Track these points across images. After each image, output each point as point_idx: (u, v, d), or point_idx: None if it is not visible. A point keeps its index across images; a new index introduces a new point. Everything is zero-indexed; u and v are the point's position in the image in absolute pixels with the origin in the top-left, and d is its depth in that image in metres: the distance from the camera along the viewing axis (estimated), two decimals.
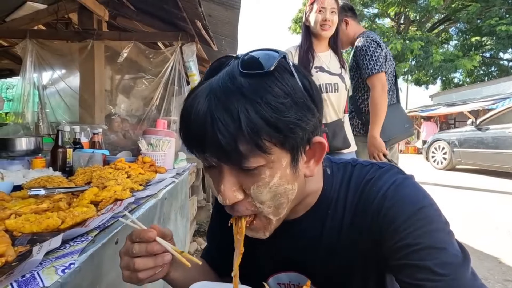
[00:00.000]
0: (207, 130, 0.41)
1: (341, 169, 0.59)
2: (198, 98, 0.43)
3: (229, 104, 0.40)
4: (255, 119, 0.40)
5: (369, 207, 0.52)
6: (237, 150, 0.41)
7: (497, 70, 16.42)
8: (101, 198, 0.95)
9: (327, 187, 0.57)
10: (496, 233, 2.99)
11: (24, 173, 1.24)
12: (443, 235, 0.46)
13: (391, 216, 0.49)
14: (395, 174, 0.54)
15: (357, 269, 0.56)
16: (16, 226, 0.68)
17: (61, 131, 1.50)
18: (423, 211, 0.48)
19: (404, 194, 0.50)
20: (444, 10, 14.43)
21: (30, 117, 2.41)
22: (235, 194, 0.46)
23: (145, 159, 1.64)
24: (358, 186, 0.55)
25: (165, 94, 2.64)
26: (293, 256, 0.60)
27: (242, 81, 0.41)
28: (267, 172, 0.44)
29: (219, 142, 0.40)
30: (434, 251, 0.45)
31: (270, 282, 0.64)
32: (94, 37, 2.45)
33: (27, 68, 2.38)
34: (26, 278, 0.43)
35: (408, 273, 0.46)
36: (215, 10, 2.74)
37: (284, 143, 0.43)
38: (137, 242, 0.50)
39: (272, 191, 0.46)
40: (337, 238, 0.55)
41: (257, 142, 0.41)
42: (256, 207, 0.47)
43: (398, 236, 0.47)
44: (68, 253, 0.52)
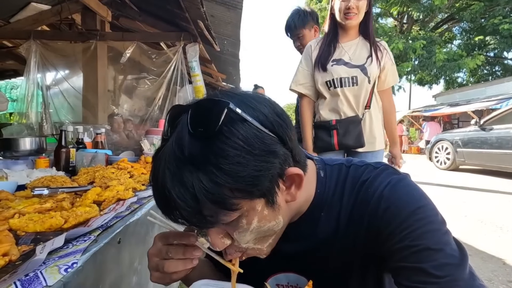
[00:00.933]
0: (170, 205, 0.41)
1: (335, 170, 0.58)
2: (156, 171, 0.43)
3: (183, 177, 0.39)
4: (212, 189, 0.39)
5: (365, 208, 0.52)
6: (204, 218, 0.41)
7: (501, 70, 16.30)
8: (103, 198, 0.96)
9: (320, 190, 0.56)
10: (500, 234, 2.97)
11: (28, 172, 1.25)
12: (440, 235, 0.46)
13: (388, 217, 0.49)
14: (390, 174, 0.54)
15: (355, 270, 0.56)
16: (20, 225, 0.68)
17: (65, 131, 1.51)
18: (420, 212, 0.48)
19: (400, 195, 0.50)
20: (448, 10, 14.35)
21: (34, 117, 2.43)
22: (223, 241, 0.47)
23: (148, 159, 1.65)
24: (354, 187, 0.55)
25: (167, 94, 2.66)
26: (291, 258, 0.60)
27: (191, 148, 0.40)
28: (243, 221, 0.44)
29: (183, 216, 0.42)
30: (431, 252, 0.45)
31: (269, 283, 0.65)
32: (97, 37, 2.47)
33: (31, 69, 2.40)
34: (29, 277, 0.43)
35: (406, 276, 0.46)
36: (217, 10, 2.74)
37: (252, 195, 0.42)
38: (173, 244, 0.50)
39: (254, 233, 0.47)
40: (333, 240, 0.55)
41: (222, 206, 0.41)
42: (243, 248, 0.48)
43: (395, 238, 0.47)
44: (71, 253, 0.53)
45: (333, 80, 1.58)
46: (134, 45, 2.55)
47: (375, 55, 1.57)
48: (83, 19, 2.62)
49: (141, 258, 0.89)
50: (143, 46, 2.61)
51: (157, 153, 0.45)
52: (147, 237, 0.95)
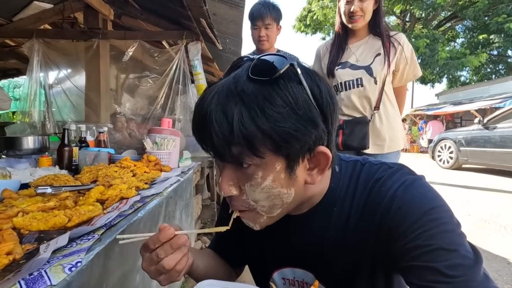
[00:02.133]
0: (206, 129, 0.43)
1: (349, 167, 0.58)
2: (206, 96, 0.45)
3: (227, 107, 0.42)
4: (248, 125, 0.41)
5: (377, 207, 0.51)
6: (229, 151, 0.43)
7: (505, 68, 16.18)
8: (107, 196, 0.96)
9: (334, 184, 0.56)
10: (504, 234, 2.95)
11: (31, 171, 1.25)
12: (454, 237, 0.45)
13: (400, 217, 0.48)
14: (405, 174, 0.53)
15: (364, 269, 0.55)
16: (24, 224, 0.68)
17: (67, 129, 1.51)
18: (433, 212, 0.47)
19: (414, 195, 0.49)
20: (451, 8, 14.24)
21: (37, 116, 2.44)
22: (231, 189, 0.48)
23: (150, 158, 1.64)
24: (367, 184, 0.54)
25: (169, 93, 2.65)
26: (298, 252, 0.60)
27: (245, 86, 0.43)
28: (259, 173, 0.45)
29: (213, 142, 0.43)
30: (444, 252, 0.44)
31: (275, 276, 0.64)
32: (99, 36, 2.47)
33: (34, 68, 2.41)
34: (33, 276, 0.43)
35: (418, 275, 0.45)
36: (219, 8, 2.73)
37: (278, 150, 0.44)
38: (157, 247, 0.50)
39: (264, 192, 0.47)
40: (343, 236, 0.55)
41: (249, 146, 0.42)
42: (250, 204, 0.48)
43: (408, 237, 0.47)
44: (75, 251, 0.52)
45: (338, 85, 1.55)
46: (136, 43, 2.54)
47: (385, 52, 1.50)
48: (85, 18, 2.62)
49: None
50: (145, 44, 2.61)
51: (210, 85, 0.48)
52: None
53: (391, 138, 1.55)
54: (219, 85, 0.45)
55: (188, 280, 2.01)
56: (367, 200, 0.53)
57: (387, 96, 1.55)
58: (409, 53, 1.53)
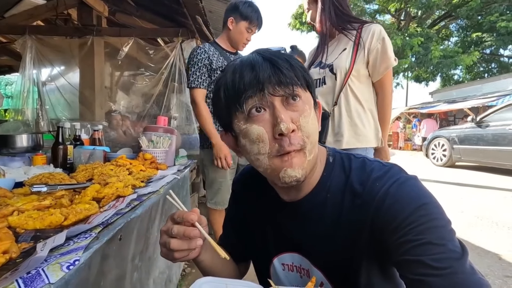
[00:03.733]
0: (269, 69, 0.52)
1: (344, 159, 0.62)
2: (248, 59, 0.55)
3: (279, 58, 0.54)
4: (298, 66, 0.55)
5: (371, 201, 0.53)
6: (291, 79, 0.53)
7: (498, 67, 16.39)
8: (103, 194, 0.95)
9: (326, 173, 0.61)
10: (496, 230, 3.00)
11: (25, 169, 1.23)
12: (443, 232, 0.48)
13: (393, 212, 0.50)
14: (399, 172, 0.56)
15: (357, 258, 0.57)
16: (19, 222, 0.67)
17: (62, 127, 1.50)
18: (425, 208, 0.49)
19: (407, 192, 0.52)
20: (445, 6, 14.36)
21: (30, 114, 2.41)
22: (292, 124, 0.53)
23: (146, 156, 1.63)
24: (360, 177, 0.57)
25: (165, 91, 2.64)
26: (295, 238, 0.63)
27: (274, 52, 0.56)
28: (306, 106, 0.54)
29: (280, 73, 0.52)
30: (433, 246, 0.46)
31: (275, 262, 0.67)
32: (94, 33, 2.44)
33: (27, 65, 2.37)
34: (31, 274, 0.43)
35: (409, 268, 0.48)
36: (215, 5, 2.72)
37: (310, 87, 0.57)
38: (177, 223, 0.55)
39: (313, 124, 0.55)
40: (336, 223, 0.57)
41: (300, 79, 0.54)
42: (303, 140, 0.54)
43: (400, 232, 0.49)
44: (73, 250, 0.52)
45: None
46: (132, 41, 2.52)
47: (353, 47, 1.46)
48: (79, 14, 2.59)
49: (141, 255, 0.89)
50: (140, 42, 2.58)
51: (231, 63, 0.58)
52: (147, 233, 0.94)
53: (352, 134, 1.49)
54: (252, 56, 0.56)
55: (185, 278, 2.01)
56: (361, 193, 0.55)
57: (352, 92, 1.49)
58: (379, 44, 1.44)
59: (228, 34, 1.89)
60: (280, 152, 0.53)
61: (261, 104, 0.52)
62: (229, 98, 0.54)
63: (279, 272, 0.68)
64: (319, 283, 0.61)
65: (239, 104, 0.53)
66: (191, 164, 2.02)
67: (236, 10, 1.84)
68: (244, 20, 1.84)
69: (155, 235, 1.05)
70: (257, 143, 0.53)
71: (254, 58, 0.54)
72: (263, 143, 0.53)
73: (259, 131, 0.53)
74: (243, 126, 0.54)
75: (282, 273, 0.67)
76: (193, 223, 0.54)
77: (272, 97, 0.52)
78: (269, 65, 0.52)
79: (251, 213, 0.71)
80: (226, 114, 0.56)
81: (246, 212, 0.73)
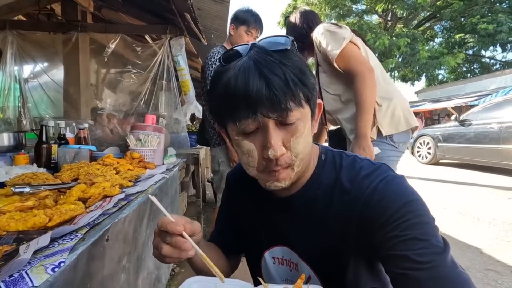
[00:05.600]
0: (263, 90, 0.49)
1: (336, 157, 0.64)
2: (243, 71, 0.51)
3: (275, 70, 0.50)
4: (294, 79, 0.51)
5: (359, 197, 0.55)
6: (286, 104, 0.50)
7: (479, 68, 16.92)
8: (89, 194, 0.93)
9: (318, 170, 0.63)
10: (477, 225, 3.11)
11: (6, 169, 1.19)
12: (428, 228, 0.50)
13: (380, 208, 0.52)
14: (387, 171, 0.58)
15: (345, 254, 0.58)
16: (1, 224, 0.65)
17: (45, 126, 1.45)
18: (411, 205, 0.51)
19: (394, 189, 0.54)
20: (430, 8, 14.70)
21: (11, 112, 2.32)
22: (282, 148, 0.53)
23: (134, 155, 1.60)
24: (350, 175, 0.59)
25: (153, 89, 2.59)
26: (285, 231, 0.65)
27: (274, 55, 0.52)
28: (301, 124, 0.53)
29: (274, 98, 0.49)
30: (418, 242, 0.48)
31: (266, 256, 0.69)
32: (78, 28, 2.37)
33: (8, 61, 2.28)
34: (14, 278, 0.41)
35: (395, 263, 0.50)
36: (204, 3, 2.69)
37: (309, 99, 0.54)
38: (163, 230, 0.53)
39: (304, 141, 0.55)
40: (325, 219, 0.59)
41: (297, 97, 0.51)
42: (291, 160, 0.54)
43: (387, 227, 0.51)
44: (58, 252, 0.51)
45: None
46: (118, 37, 2.46)
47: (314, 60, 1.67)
48: (63, 9, 2.51)
49: (129, 256, 0.88)
50: (127, 38, 2.52)
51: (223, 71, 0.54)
52: (135, 234, 0.93)
53: None
54: (247, 62, 0.51)
55: (174, 278, 2.00)
56: (350, 189, 0.57)
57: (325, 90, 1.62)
58: (320, 40, 1.52)
59: (230, 40, 2.07)
60: (267, 169, 0.55)
61: (253, 125, 0.52)
62: (224, 110, 0.54)
63: (270, 266, 0.69)
64: (307, 277, 0.63)
65: (232, 120, 0.53)
66: (180, 163, 2.00)
67: (235, 17, 2.04)
68: (242, 24, 2.02)
69: (143, 235, 1.03)
70: (246, 156, 0.55)
71: (249, 71, 0.50)
72: (252, 158, 0.55)
73: (250, 147, 0.54)
74: (235, 137, 0.56)
75: (272, 267, 0.69)
76: (180, 235, 0.52)
77: (265, 119, 0.51)
78: (264, 86, 0.49)
79: (243, 207, 0.74)
80: (221, 119, 0.57)
81: (238, 206, 0.75)
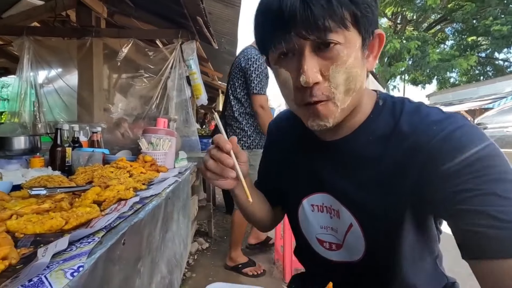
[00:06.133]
0: (297, 5, 0.44)
1: (397, 103, 0.56)
2: None
3: None
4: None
5: (424, 145, 0.48)
6: (325, 22, 0.44)
7: (493, 70, 16.56)
8: (104, 197, 0.92)
9: (373, 116, 0.57)
10: None
11: (23, 172, 1.20)
12: (510, 185, 0.42)
13: (452, 157, 0.45)
14: (463, 119, 0.49)
15: (394, 205, 0.53)
16: (18, 227, 0.65)
17: (60, 129, 1.47)
18: (492, 159, 0.44)
19: (472, 139, 0.46)
20: (441, 10, 14.52)
21: (27, 116, 2.37)
22: (316, 75, 0.47)
23: (146, 158, 1.61)
24: (412, 119, 0.52)
25: (164, 93, 2.61)
26: (328, 177, 0.61)
27: None
28: (344, 51, 0.47)
29: (309, 14, 0.43)
30: (497, 198, 0.41)
31: (304, 203, 0.66)
32: (92, 34, 2.41)
33: (24, 66, 2.34)
34: (33, 282, 0.40)
35: (466, 219, 0.43)
36: (215, 7, 2.71)
37: (359, 22, 0.47)
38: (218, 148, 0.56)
39: (347, 72, 0.48)
40: (376, 168, 0.54)
41: (341, 15, 0.45)
42: (330, 92, 0.49)
43: (458, 179, 0.44)
44: (76, 255, 0.50)
45: None
46: (131, 42, 2.49)
47: None
48: (78, 15, 2.56)
49: (144, 260, 0.86)
50: (139, 43, 2.55)
51: None
52: (149, 237, 0.92)
53: None
54: None
55: (185, 282, 1.98)
56: (411, 135, 0.51)
57: None
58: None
59: None
60: (304, 102, 0.50)
61: (288, 48, 0.48)
62: (262, 35, 0.52)
63: (308, 213, 0.66)
64: (348, 225, 0.59)
65: (269, 44, 0.50)
66: (191, 167, 1.99)
67: None
68: None
69: (157, 238, 1.02)
70: (283, 87, 0.52)
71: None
72: (288, 90, 0.51)
73: (285, 76, 0.50)
74: (274, 66, 0.53)
75: (311, 214, 0.66)
76: (227, 152, 0.55)
77: (300, 40, 0.46)
78: (299, 0, 0.44)
79: (284, 155, 0.71)
80: (263, 48, 0.54)
81: (279, 154, 0.73)
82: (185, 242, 1.72)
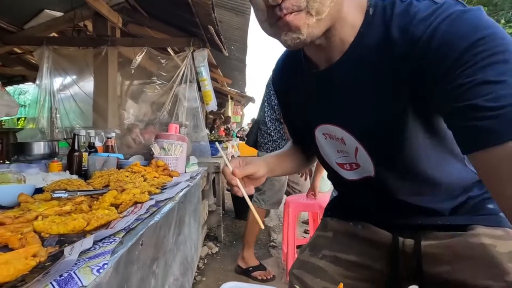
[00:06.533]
0: None
1: (387, 6, 0.51)
2: None
3: None
4: None
5: (411, 49, 0.45)
6: None
7: None
8: (120, 201, 0.96)
9: (363, 29, 0.52)
10: None
11: (43, 176, 1.26)
12: (505, 67, 0.38)
13: (442, 54, 0.42)
14: (453, 6, 0.44)
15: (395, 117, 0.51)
16: (44, 227, 0.69)
17: (77, 135, 1.53)
18: (482, 43, 0.39)
19: (460, 27, 0.41)
20: None
21: (45, 122, 2.46)
22: None
23: (159, 163, 1.65)
24: (402, 23, 0.47)
25: (176, 100, 2.68)
26: (326, 109, 0.62)
27: None
28: None
29: None
30: (488, 86, 0.37)
31: (317, 133, 0.67)
32: (108, 43, 2.50)
33: (43, 74, 2.44)
34: (64, 277, 0.43)
35: (459, 117, 0.40)
36: (225, 16, 2.78)
37: None
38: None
39: None
40: (371, 84, 0.52)
41: None
42: (300, 2, 0.44)
43: (449, 76, 0.41)
44: (100, 254, 0.53)
45: None
46: (144, 50, 2.58)
47: None
48: (94, 25, 2.67)
49: (158, 261, 0.89)
50: (152, 51, 2.64)
51: None
52: (164, 239, 0.95)
53: None
54: None
55: (195, 286, 2.00)
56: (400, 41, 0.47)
57: None
58: None
59: None
60: (275, 18, 0.47)
61: None
62: None
63: (323, 142, 0.68)
64: (354, 148, 0.60)
65: None
66: (202, 172, 2.03)
67: None
68: None
69: (170, 241, 1.05)
70: (258, 10, 0.49)
71: None
72: (261, 12, 0.48)
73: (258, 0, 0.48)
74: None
75: (325, 142, 0.67)
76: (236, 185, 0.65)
77: None
78: None
79: (289, 96, 0.73)
80: None
81: (285, 98, 0.76)
82: (196, 245, 1.75)
